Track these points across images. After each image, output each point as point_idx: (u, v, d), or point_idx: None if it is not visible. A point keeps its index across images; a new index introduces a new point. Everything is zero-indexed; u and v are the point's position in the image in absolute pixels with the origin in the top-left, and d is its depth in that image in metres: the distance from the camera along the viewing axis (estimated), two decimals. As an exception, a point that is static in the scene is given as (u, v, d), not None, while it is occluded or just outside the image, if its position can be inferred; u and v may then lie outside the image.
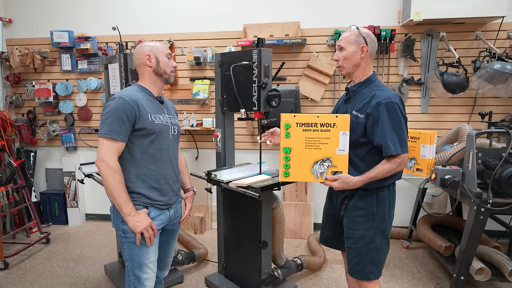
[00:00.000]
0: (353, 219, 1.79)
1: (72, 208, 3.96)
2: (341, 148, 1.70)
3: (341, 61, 1.76)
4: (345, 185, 1.68)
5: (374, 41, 1.75)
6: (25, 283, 2.78)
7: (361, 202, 1.76)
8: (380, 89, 1.70)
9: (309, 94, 3.42)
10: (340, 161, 1.70)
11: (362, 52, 1.71)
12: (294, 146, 1.71)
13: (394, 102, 1.63)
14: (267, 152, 3.65)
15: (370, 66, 1.77)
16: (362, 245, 1.76)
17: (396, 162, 1.65)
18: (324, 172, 1.72)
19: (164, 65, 1.74)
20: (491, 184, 2.24)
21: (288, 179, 1.75)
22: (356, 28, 1.74)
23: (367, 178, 1.67)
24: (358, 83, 1.77)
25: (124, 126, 1.59)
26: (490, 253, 2.54)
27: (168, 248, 1.91)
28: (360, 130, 1.69)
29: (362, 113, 1.69)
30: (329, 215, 2.02)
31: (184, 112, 3.67)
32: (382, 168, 1.66)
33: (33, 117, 3.92)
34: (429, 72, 3.28)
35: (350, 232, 1.80)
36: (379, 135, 1.64)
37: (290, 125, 1.71)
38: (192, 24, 3.59)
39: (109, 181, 1.57)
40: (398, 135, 1.63)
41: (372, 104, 1.66)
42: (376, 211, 1.75)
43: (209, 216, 3.78)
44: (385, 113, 1.62)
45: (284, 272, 2.56)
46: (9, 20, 3.83)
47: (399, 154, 1.64)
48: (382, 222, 1.76)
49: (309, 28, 3.41)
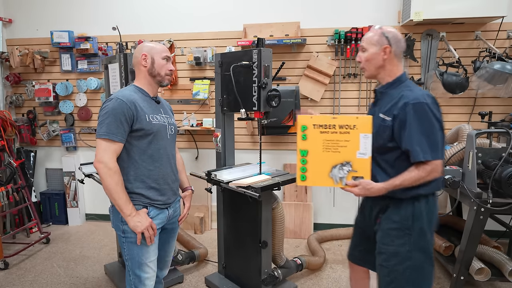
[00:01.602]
0: (385, 232, 1.63)
1: (72, 208, 3.96)
2: (362, 152, 1.57)
3: (363, 62, 1.67)
4: (367, 192, 1.55)
5: (400, 41, 1.62)
6: (25, 283, 2.78)
7: (394, 213, 1.60)
8: (409, 89, 1.58)
9: (309, 94, 3.42)
10: (362, 166, 1.58)
11: (385, 53, 1.60)
12: (311, 148, 1.62)
13: (423, 102, 1.50)
14: (267, 152, 3.65)
15: (398, 67, 1.65)
16: (396, 262, 1.59)
17: (426, 170, 1.49)
18: (344, 177, 1.60)
19: (159, 67, 1.73)
20: (491, 184, 2.24)
21: (305, 183, 1.65)
22: (379, 28, 1.63)
23: (391, 185, 1.53)
24: (386, 84, 1.66)
25: (122, 127, 1.59)
26: (490, 253, 2.54)
27: (168, 247, 1.92)
28: (387, 134, 1.57)
29: (389, 116, 1.57)
30: (360, 228, 1.87)
31: (184, 112, 3.67)
32: (408, 176, 1.51)
33: (33, 117, 3.92)
34: (429, 72, 3.28)
35: (383, 248, 1.63)
36: (406, 139, 1.51)
37: (307, 127, 1.62)
38: (192, 24, 3.59)
39: (108, 182, 1.58)
40: (428, 139, 1.49)
41: (399, 105, 1.54)
42: (412, 225, 1.57)
43: (209, 216, 3.78)
44: (412, 115, 1.49)
45: (284, 272, 2.56)
46: (9, 20, 3.83)
47: (429, 160, 1.49)
48: (421, 237, 1.57)
49: (309, 28, 3.41)
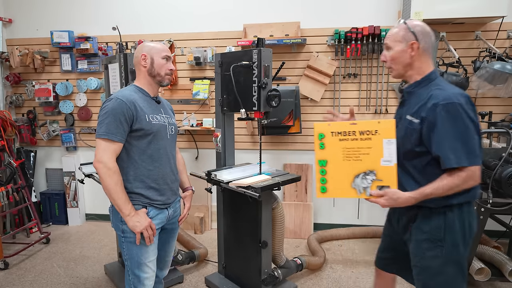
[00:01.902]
0: (416, 244, 1.51)
1: (72, 208, 3.96)
2: (386, 159, 1.45)
3: (389, 62, 1.54)
4: (393, 202, 1.42)
5: (429, 35, 1.48)
6: (25, 283, 2.78)
7: (424, 224, 1.47)
8: (440, 88, 1.43)
9: (309, 94, 3.42)
10: (387, 174, 1.46)
11: (412, 49, 1.46)
12: (331, 158, 1.51)
13: (456, 102, 1.35)
14: (267, 152, 3.65)
15: (428, 63, 1.50)
16: (427, 277, 1.48)
17: (461, 177, 1.35)
18: (368, 187, 1.48)
19: (158, 67, 1.72)
20: (491, 184, 2.24)
21: (326, 195, 1.54)
22: (404, 23, 1.49)
23: (421, 195, 1.39)
24: (414, 83, 1.52)
25: (122, 127, 1.59)
26: (490, 253, 2.55)
27: (168, 247, 1.92)
28: (414, 137, 1.44)
29: (417, 118, 1.43)
30: (387, 236, 1.76)
31: (184, 112, 3.67)
32: (441, 184, 1.37)
33: (33, 117, 3.92)
34: (429, 72, 3.28)
35: (415, 260, 1.53)
36: (436, 143, 1.37)
37: (324, 135, 1.52)
38: (192, 24, 3.59)
39: (108, 182, 1.58)
40: (462, 143, 1.34)
41: (427, 106, 1.40)
42: (444, 237, 1.44)
43: (209, 216, 3.78)
44: (443, 117, 1.35)
45: (284, 272, 2.56)
46: (9, 20, 3.83)
47: (464, 166, 1.34)
48: (454, 250, 1.44)
49: (309, 28, 3.41)
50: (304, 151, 3.61)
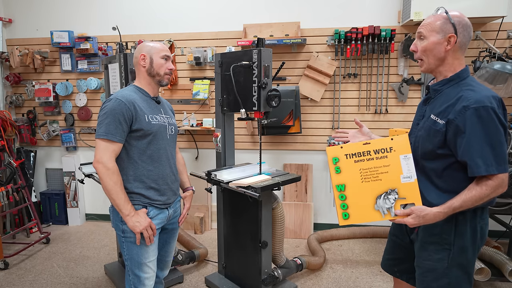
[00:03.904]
0: (422, 245, 1.47)
1: (72, 208, 3.96)
2: (406, 175, 1.39)
3: (420, 53, 1.42)
4: (422, 220, 1.34)
5: (468, 28, 1.38)
6: (25, 283, 2.78)
7: (435, 226, 1.40)
8: (471, 88, 1.33)
9: (309, 94, 3.42)
10: (409, 191, 1.39)
11: (449, 43, 1.35)
12: (349, 181, 1.45)
13: (488, 106, 1.26)
14: (267, 152, 3.65)
15: (460, 60, 1.40)
16: (432, 279, 1.44)
17: (491, 186, 1.28)
18: (392, 206, 1.41)
19: (158, 67, 1.72)
20: (491, 184, 2.23)
21: (349, 222, 1.46)
22: (444, 12, 1.37)
23: (450, 208, 1.31)
24: (443, 80, 1.42)
25: (121, 127, 1.59)
26: (490, 253, 2.54)
27: (168, 248, 1.92)
28: (438, 139, 1.36)
29: (443, 119, 1.34)
30: (394, 235, 1.70)
31: (184, 112, 3.67)
32: (470, 195, 1.29)
33: (33, 117, 3.92)
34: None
35: (419, 261, 1.49)
36: (464, 148, 1.29)
37: (338, 159, 1.45)
38: (192, 24, 3.59)
39: (107, 182, 1.58)
40: (492, 149, 1.26)
41: (456, 108, 1.30)
42: (454, 241, 1.39)
43: (209, 216, 3.78)
44: (474, 121, 1.26)
45: (284, 272, 2.56)
46: (9, 20, 3.83)
47: (494, 174, 1.27)
48: (462, 255, 1.40)
49: (309, 28, 3.41)
50: (304, 151, 3.61)
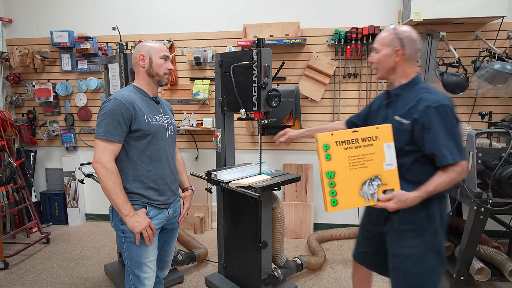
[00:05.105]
0: (399, 234, 1.60)
1: (72, 208, 3.96)
2: (388, 163, 1.50)
3: (375, 64, 1.65)
4: (402, 204, 1.48)
5: (414, 42, 1.57)
6: (25, 283, 2.78)
7: (409, 215, 1.55)
8: (428, 91, 1.53)
9: (309, 94, 3.42)
10: (390, 177, 1.50)
11: (397, 55, 1.56)
12: (338, 168, 1.49)
13: (446, 104, 1.47)
14: (267, 152, 3.65)
15: (412, 68, 1.61)
16: (410, 265, 1.56)
17: (456, 172, 1.46)
18: (375, 192, 1.51)
19: (157, 67, 1.72)
20: (491, 184, 2.24)
21: (337, 208, 1.50)
22: (393, 28, 1.59)
23: (426, 192, 1.47)
24: (401, 86, 1.61)
25: (120, 127, 1.59)
26: (490, 253, 2.54)
27: (168, 248, 1.91)
28: (405, 137, 1.52)
29: (407, 119, 1.52)
30: (366, 230, 1.83)
31: (184, 112, 3.67)
32: (441, 180, 1.47)
33: (33, 117, 3.92)
34: (429, 72, 3.28)
35: (397, 250, 1.61)
36: (431, 142, 1.47)
37: (329, 146, 1.48)
38: (192, 24, 3.59)
39: (106, 182, 1.58)
40: (454, 141, 1.46)
41: (419, 108, 1.49)
42: (427, 226, 1.56)
43: (209, 216, 3.78)
44: (436, 118, 1.45)
45: (284, 272, 2.56)
46: (9, 20, 3.83)
47: (457, 162, 1.46)
48: (435, 239, 1.56)
49: (309, 28, 3.41)
50: (304, 151, 3.61)
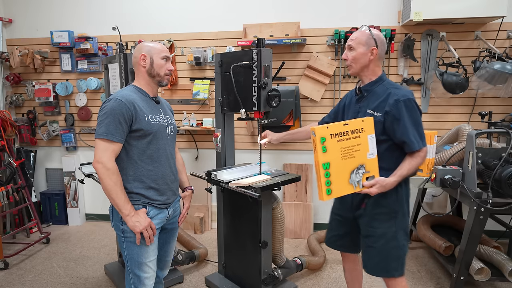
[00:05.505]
0: (373, 217, 1.78)
1: (72, 208, 3.96)
2: (371, 152, 1.66)
3: (350, 61, 1.78)
4: (383, 188, 1.66)
5: (384, 43, 1.77)
6: (25, 283, 2.78)
7: (382, 199, 1.74)
8: (395, 87, 1.72)
9: (309, 94, 3.42)
10: (372, 165, 1.67)
11: (372, 54, 1.72)
12: (333, 159, 1.59)
13: (412, 99, 1.67)
14: (267, 152, 3.65)
15: (379, 67, 1.79)
16: (384, 242, 1.75)
17: (421, 157, 1.68)
18: (360, 180, 1.66)
19: (158, 67, 1.72)
20: (491, 184, 2.24)
21: (331, 197, 1.62)
22: (367, 29, 1.74)
23: (401, 177, 1.67)
24: (370, 83, 1.78)
25: (121, 127, 1.59)
26: (490, 253, 2.54)
27: (168, 247, 1.92)
28: (379, 128, 1.69)
29: (379, 111, 1.70)
30: (337, 215, 2.02)
31: (184, 112, 3.67)
32: (412, 164, 1.67)
33: (33, 117, 3.92)
34: (429, 72, 3.28)
35: (371, 231, 1.79)
36: (401, 131, 1.66)
37: (325, 138, 1.58)
38: (192, 24, 3.59)
39: (107, 182, 1.58)
40: (418, 130, 1.67)
41: (389, 102, 1.67)
42: (398, 208, 1.75)
43: (209, 216, 3.78)
44: (404, 110, 1.65)
45: (284, 272, 2.56)
46: (9, 20, 3.83)
47: (422, 148, 1.67)
48: (403, 219, 1.77)
49: (309, 28, 3.41)
50: (304, 151, 3.61)
